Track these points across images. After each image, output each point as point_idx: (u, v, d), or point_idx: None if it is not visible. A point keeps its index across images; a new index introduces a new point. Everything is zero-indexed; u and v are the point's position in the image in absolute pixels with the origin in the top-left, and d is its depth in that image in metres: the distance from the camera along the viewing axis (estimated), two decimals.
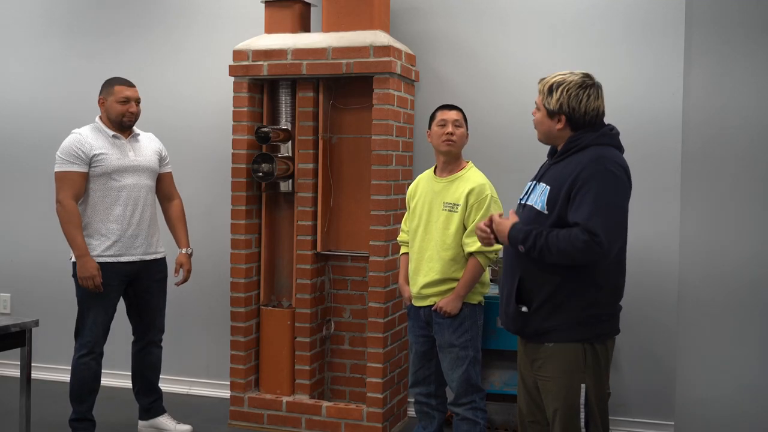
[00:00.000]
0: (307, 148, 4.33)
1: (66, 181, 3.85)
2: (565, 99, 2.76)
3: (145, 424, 4.23)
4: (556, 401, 2.77)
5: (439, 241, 3.62)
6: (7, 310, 5.32)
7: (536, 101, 2.89)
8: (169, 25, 4.98)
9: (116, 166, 3.92)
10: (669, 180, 4.12)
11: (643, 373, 4.18)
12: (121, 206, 3.93)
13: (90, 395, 3.99)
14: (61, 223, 3.86)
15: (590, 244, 2.60)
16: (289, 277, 4.49)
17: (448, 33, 4.48)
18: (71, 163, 3.85)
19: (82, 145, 3.87)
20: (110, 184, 3.91)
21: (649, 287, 4.13)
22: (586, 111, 2.76)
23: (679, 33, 4.08)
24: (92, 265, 3.83)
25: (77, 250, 3.84)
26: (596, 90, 2.79)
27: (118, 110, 3.95)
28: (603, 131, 2.80)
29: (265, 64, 4.24)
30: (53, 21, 5.23)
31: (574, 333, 2.73)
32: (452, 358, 3.62)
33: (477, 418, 3.65)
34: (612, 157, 2.72)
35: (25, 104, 5.29)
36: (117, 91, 3.97)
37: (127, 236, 3.95)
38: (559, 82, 2.78)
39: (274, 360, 4.40)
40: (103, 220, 3.92)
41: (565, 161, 2.78)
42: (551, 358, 2.77)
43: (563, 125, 2.80)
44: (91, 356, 3.94)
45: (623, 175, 2.72)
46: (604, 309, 2.76)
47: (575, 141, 2.78)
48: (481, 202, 3.54)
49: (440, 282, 3.62)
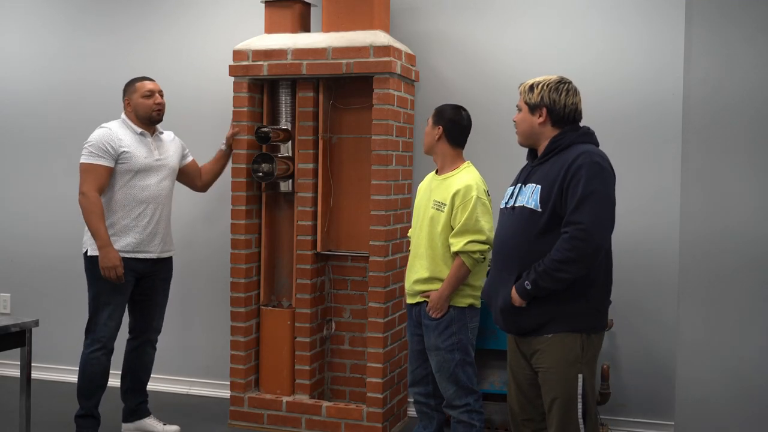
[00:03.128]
0: (307, 148, 4.33)
1: (92, 173, 3.87)
2: (546, 92, 2.93)
3: (129, 427, 4.18)
4: (555, 390, 2.84)
5: (428, 239, 3.65)
6: (7, 310, 5.32)
7: (517, 104, 3.04)
8: (169, 24, 4.98)
9: (142, 165, 3.96)
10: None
11: (643, 373, 4.18)
12: (144, 204, 3.97)
13: (98, 391, 3.99)
14: (84, 213, 3.87)
15: (573, 234, 2.73)
16: (289, 277, 4.50)
17: (448, 33, 4.48)
18: (99, 157, 3.88)
19: (112, 140, 3.91)
20: (135, 182, 3.95)
21: (650, 287, 4.14)
22: (566, 104, 2.93)
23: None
24: (115, 256, 3.85)
25: (100, 240, 3.84)
26: (573, 88, 2.97)
27: (147, 105, 4.02)
28: (583, 130, 2.96)
29: (265, 64, 4.24)
30: (53, 20, 5.23)
31: (573, 323, 2.83)
32: (438, 360, 3.64)
33: (472, 420, 3.65)
34: (598, 152, 2.87)
35: (24, 100, 5.29)
36: (139, 87, 4.03)
37: (147, 234, 3.99)
38: (539, 81, 2.99)
39: (274, 360, 4.40)
40: (124, 216, 3.95)
41: (551, 161, 2.90)
42: (551, 348, 2.85)
43: (544, 119, 2.93)
44: (103, 351, 3.96)
45: (610, 168, 2.86)
46: (596, 304, 2.89)
47: (558, 141, 2.91)
48: (467, 203, 3.55)
49: (428, 280, 3.64)
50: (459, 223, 3.54)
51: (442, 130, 3.68)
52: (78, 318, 5.04)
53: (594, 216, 2.73)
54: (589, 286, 2.84)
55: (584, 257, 2.74)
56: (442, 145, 3.69)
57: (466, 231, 3.53)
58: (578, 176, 2.76)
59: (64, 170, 5.08)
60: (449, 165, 3.71)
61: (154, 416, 4.23)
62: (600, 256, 2.79)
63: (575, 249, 2.73)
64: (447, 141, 3.69)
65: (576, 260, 2.74)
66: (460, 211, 3.55)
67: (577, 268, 2.75)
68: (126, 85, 4.11)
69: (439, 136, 3.68)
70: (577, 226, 2.73)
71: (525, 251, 2.86)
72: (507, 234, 2.95)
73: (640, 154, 4.18)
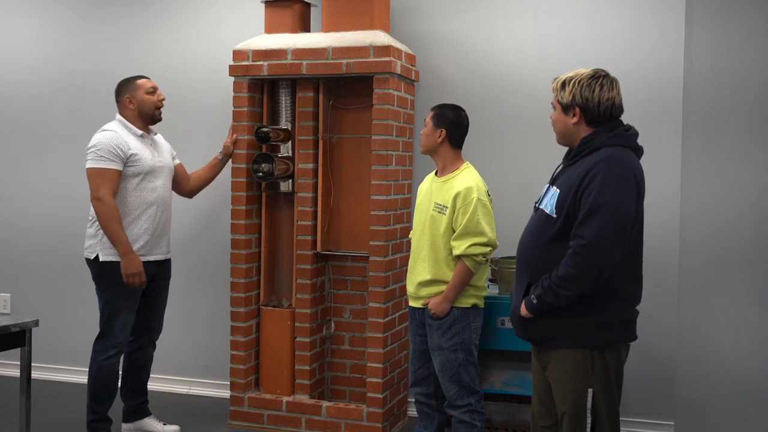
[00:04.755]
0: (307, 148, 4.33)
1: (105, 177, 3.82)
2: (577, 90, 2.75)
3: (129, 427, 4.17)
4: (564, 405, 2.78)
5: (430, 242, 3.64)
6: (7, 310, 5.31)
7: (552, 101, 2.88)
8: (170, 24, 4.98)
9: (149, 167, 3.95)
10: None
11: (643, 373, 4.18)
12: (153, 206, 3.97)
13: (112, 395, 3.98)
14: (101, 219, 3.82)
15: (575, 249, 2.62)
16: (289, 277, 4.49)
17: (448, 33, 4.48)
18: (110, 161, 3.83)
19: (120, 144, 3.86)
20: (144, 185, 3.93)
21: (650, 287, 4.12)
22: (600, 101, 2.73)
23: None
24: (138, 262, 3.84)
25: (122, 246, 3.81)
26: (609, 81, 2.77)
27: (152, 101, 4.00)
28: (617, 131, 2.75)
29: (265, 64, 4.24)
30: (54, 19, 5.23)
31: (581, 339, 2.72)
32: (442, 360, 3.64)
33: (474, 420, 3.65)
34: (621, 159, 2.67)
35: (24, 97, 5.29)
36: (141, 85, 4.00)
37: (155, 236, 3.99)
38: (571, 76, 2.79)
39: (274, 360, 4.40)
40: (135, 219, 3.93)
41: (576, 164, 2.75)
42: (559, 362, 2.78)
43: (578, 119, 2.76)
44: (118, 357, 3.95)
45: (631, 177, 2.66)
46: (614, 316, 2.74)
47: (587, 143, 2.75)
48: (467, 206, 3.54)
49: (431, 282, 3.64)
50: (460, 226, 3.53)
51: (445, 133, 3.66)
52: (78, 318, 5.07)
53: (599, 231, 2.58)
54: (607, 298, 2.69)
55: (586, 275, 2.61)
56: (444, 147, 3.68)
57: (467, 233, 3.53)
58: (592, 186, 2.61)
59: (65, 170, 5.08)
60: (450, 166, 3.70)
61: (154, 416, 4.22)
62: (606, 273, 2.63)
63: (576, 266, 2.61)
64: (449, 143, 3.68)
65: (578, 278, 2.62)
66: (461, 213, 3.54)
67: (579, 286, 2.63)
68: (122, 85, 4.04)
69: (441, 139, 3.67)
70: (579, 241, 2.61)
71: (536, 256, 2.78)
72: (525, 236, 2.88)
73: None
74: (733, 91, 4.07)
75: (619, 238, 2.62)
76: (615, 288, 2.70)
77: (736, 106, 4.07)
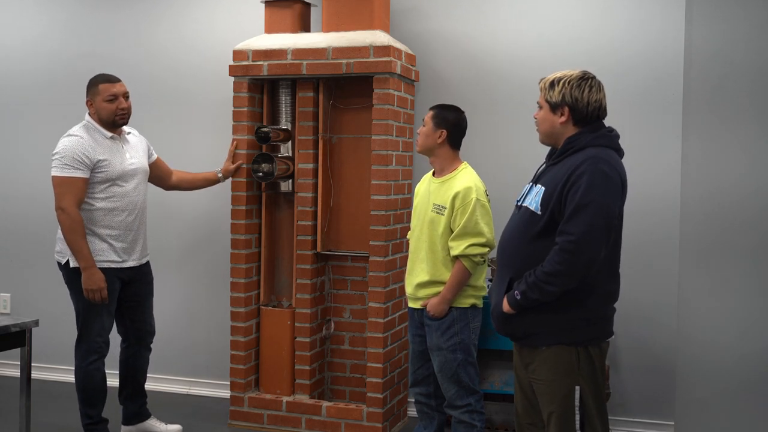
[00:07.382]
0: (307, 148, 4.33)
1: (69, 186, 3.70)
2: (567, 90, 2.78)
3: (131, 429, 4.14)
4: (551, 404, 2.78)
5: (428, 243, 3.64)
6: (7, 310, 5.32)
7: (538, 101, 2.90)
8: (169, 24, 4.98)
9: (119, 172, 3.83)
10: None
11: (643, 373, 4.18)
12: (125, 212, 3.87)
13: (102, 398, 3.94)
14: (64, 231, 3.74)
15: (562, 246, 2.65)
16: (289, 277, 4.50)
17: (448, 33, 4.48)
18: (75, 169, 3.71)
19: (86, 151, 3.74)
20: (113, 190, 3.83)
21: (650, 286, 4.13)
22: (589, 102, 2.78)
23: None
24: (99, 277, 3.75)
25: (84, 261, 3.73)
26: (597, 83, 2.82)
27: (109, 110, 3.82)
28: (601, 132, 2.81)
29: (265, 64, 4.24)
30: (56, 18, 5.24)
31: (566, 336, 2.74)
32: (441, 360, 3.64)
33: (474, 421, 3.65)
34: (607, 158, 2.72)
35: (22, 87, 5.29)
36: (102, 90, 3.82)
37: (129, 241, 3.91)
38: (560, 77, 2.82)
39: (274, 360, 4.40)
40: (107, 226, 3.84)
41: (561, 163, 2.79)
42: (545, 361, 2.78)
43: (566, 118, 2.80)
44: (100, 361, 3.91)
45: (616, 176, 2.71)
46: (594, 313, 2.77)
47: (572, 142, 2.78)
48: (466, 206, 3.53)
49: (429, 284, 3.63)
50: (459, 226, 3.53)
51: (446, 134, 3.66)
52: None
53: (586, 228, 2.61)
54: (587, 295, 2.73)
55: (573, 271, 2.64)
56: (443, 148, 3.67)
57: (465, 234, 3.53)
58: (579, 183, 2.64)
59: None
60: (448, 167, 3.69)
61: (155, 417, 4.22)
62: (592, 269, 2.67)
63: (564, 262, 2.64)
64: (449, 144, 3.68)
65: (564, 274, 2.64)
66: (460, 213, 3.54)
67: (565, 282, 2.66)
68: (88, 85, 3.89)
69: (442, 140, 3.66)
70: (567, 237, 2.64)
71: (520, 253, 2.80)
72: (508, 233, 2.91)
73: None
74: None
75: (606, 235, 2.67)
76: (595, 285, 2.74)
77: (736, 88, 4.05)
